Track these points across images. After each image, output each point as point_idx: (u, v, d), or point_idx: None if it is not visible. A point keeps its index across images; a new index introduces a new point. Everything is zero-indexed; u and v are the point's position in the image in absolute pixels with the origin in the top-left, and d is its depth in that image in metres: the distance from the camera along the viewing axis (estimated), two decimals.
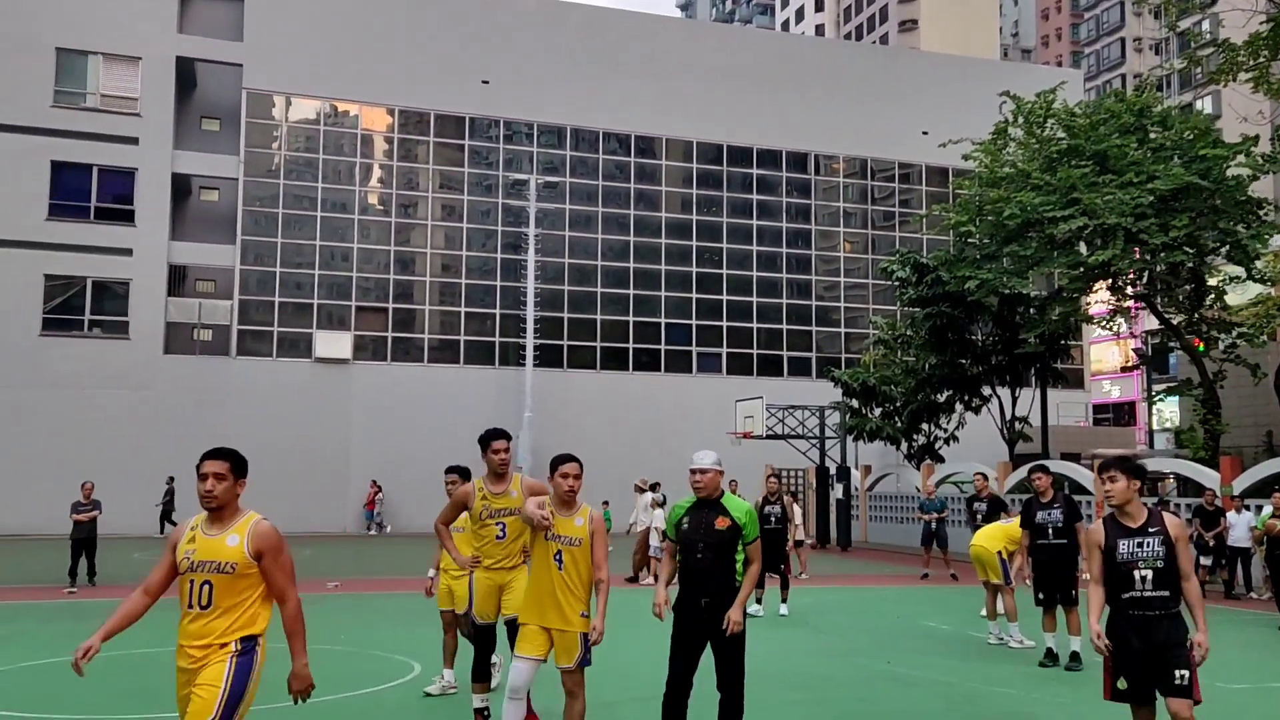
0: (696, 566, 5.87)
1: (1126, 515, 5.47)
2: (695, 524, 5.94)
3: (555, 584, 5.74)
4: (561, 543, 5.79)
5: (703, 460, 6.04)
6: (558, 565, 5.76)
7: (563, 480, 5.88)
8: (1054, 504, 10.29)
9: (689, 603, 5.88)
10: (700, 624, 5.85)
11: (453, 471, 8.22)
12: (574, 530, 5.85)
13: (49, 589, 16.40)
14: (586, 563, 5.83)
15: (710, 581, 5.85)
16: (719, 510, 5.94)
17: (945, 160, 37.19)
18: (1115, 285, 24.28)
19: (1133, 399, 50.49)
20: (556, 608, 5.73)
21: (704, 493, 5.99)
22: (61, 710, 7.89)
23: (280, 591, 4.57)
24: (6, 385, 31.39)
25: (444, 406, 35.15)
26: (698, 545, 5.89)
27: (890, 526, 30.12)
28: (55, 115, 32.88)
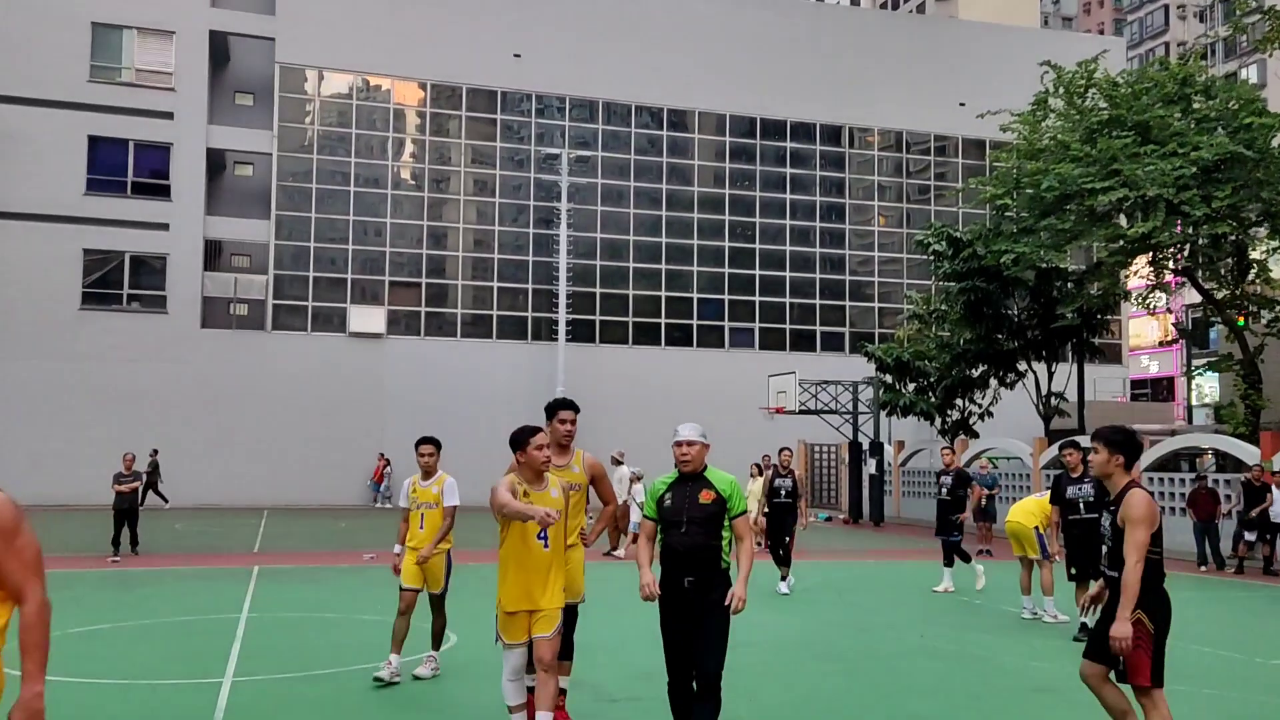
0: (680, 544, 5.43)
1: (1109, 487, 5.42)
2: (679, 500, 5.53)
3: (542, 563, 5.56)
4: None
5: (688, 432, 5.62)
6: (543, 544, 5.55)
7: (537, 452, 5.72)
8: (1084, 479, 10.24)
9: (672, 584, 5.46)
10: (686, 605, 5.43)
11: (427, 443, 7.98)
12: (552, 503, 5.65)
13: (94, 558, 16.73)
14: (565, 535, 5.70)
15: (694, 560, 5.42)
16: (703, 484, 5.54)
17: (982, 132, 36.67)
18: (1156, 258, 23.91)
19: (1171, 374, 49.84)
20: (543, 587, 5.54)
21: (689, 466, 5.58)
22: (109, 675, 8.06)
23: (16, 587, 3.13)
24: (48, 358, 31.92)
25: (476, 381, 35.37)
26: (681, 522, 5.46)
27: (924, 502, 29.99)
28: (92, 90, 33.20)
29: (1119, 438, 5.39)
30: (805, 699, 7.56)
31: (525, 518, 5.45)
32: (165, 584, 13.78)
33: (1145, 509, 5.14)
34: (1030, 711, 7.19)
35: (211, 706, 7.01)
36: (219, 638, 9.60)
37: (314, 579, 14.36)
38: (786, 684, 8.08)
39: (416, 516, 7.87)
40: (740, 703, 7.29)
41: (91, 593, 12.81)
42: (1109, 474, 5.36)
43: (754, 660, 8.95)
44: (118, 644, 9.46)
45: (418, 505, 7.87)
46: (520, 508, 5.49)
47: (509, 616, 5.56)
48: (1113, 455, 5.32)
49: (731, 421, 34.05)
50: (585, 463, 6.53)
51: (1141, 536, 5.10)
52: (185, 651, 9.02)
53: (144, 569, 15.59)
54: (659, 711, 4.97)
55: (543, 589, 5.55)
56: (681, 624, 5.45)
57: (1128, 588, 5.08)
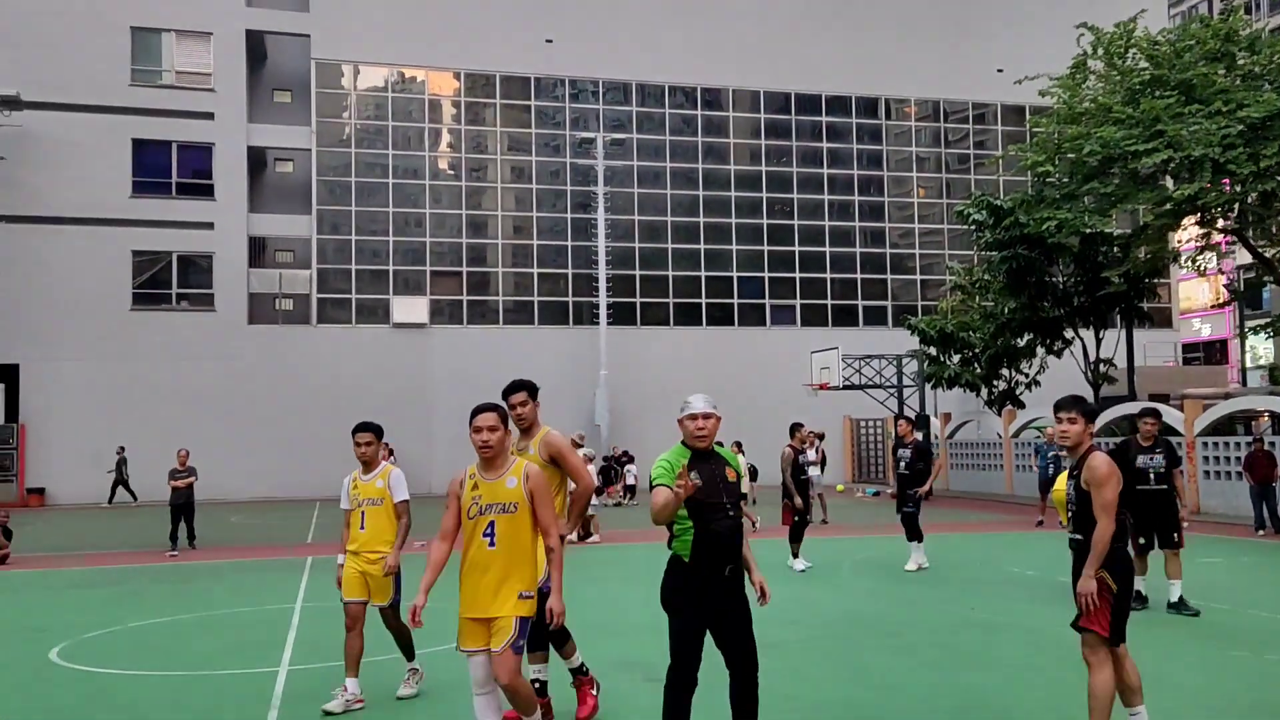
0: (725, 529, 4.88)
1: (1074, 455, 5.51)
2: (710, 477, 4.90)
3: (487, 564, 4.92)
4: (492, 512, 4.93)
5: (703, 404, 5.03)
6: (488, 542, 4.91)
7: (475, 435, 5.00)
8: (1155, 449, 10.09)
9: (711, 573, 4.87)
10: (723, 595, 4.91)
11: (365, 430, 6.99)
12: (505, 494, 4.96)
13: (153, 552, 17.12)
14: (526, 530, 4.94)
15: (736, 545, 4.93)
16: (722, 460, 5.04)
17: (1021, 98, 36.04)
18: (1204, 219, 23.42)
19: (1224, 336, 48.82)
20: (492, 592, 4.89)
21: (706, 442, 4.99)
22: (169, 666, 8.27)
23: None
24: (102, 358, 32.62)
25: (520, 368, 35.26)
26: (723, 502, 4.90)
27: (971, 474, 29.76)
28: (134, 94, 33.74)
29: (1090, 407, 5.55)
30: (857, 674, 7.57)
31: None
32: (222, 576, 14.08)
33: (1109, 470, 5.28)
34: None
35: (269, 695, 7.17)
36: (275, 628, 9.80)
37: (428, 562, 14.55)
38: (837, 659, 8.09)
39: (357, 516, 6.92)
40: (792, 679, 7.33)
41: (151, 586, 13.13)
42: (1081, 443, 5.45)
43: (803, 636, 8.97)
44: (177, 636, 9.70)
45: (359, 503, 6.94)
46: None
47: (464, 622, 4.99)
48: (1088, 425, 5.47)
49: (775, 399, 33.99)
50: (544, 443, 6.09)
51: (1109, 496, 5.23)
52: (242, 642, 9.23)
53: (201, 562, 15.94)
54: (706, 692, 4.99)
55: (491, 594, 4.89)
56: (710, 616, 4.91)
57: (1098, 544, 5.22)
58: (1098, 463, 5.31)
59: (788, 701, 6.74)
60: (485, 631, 4.92)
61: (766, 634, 8.63)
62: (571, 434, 19.70)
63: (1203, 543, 16.28)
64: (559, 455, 6.05)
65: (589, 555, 16.02)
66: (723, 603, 4.91)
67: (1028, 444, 26.61)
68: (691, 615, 4.89)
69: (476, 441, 4.95)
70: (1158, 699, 6.75)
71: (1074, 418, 5.45)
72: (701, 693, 4.96)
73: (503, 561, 4.92)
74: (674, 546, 4.96)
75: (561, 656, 6.38)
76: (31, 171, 32.47)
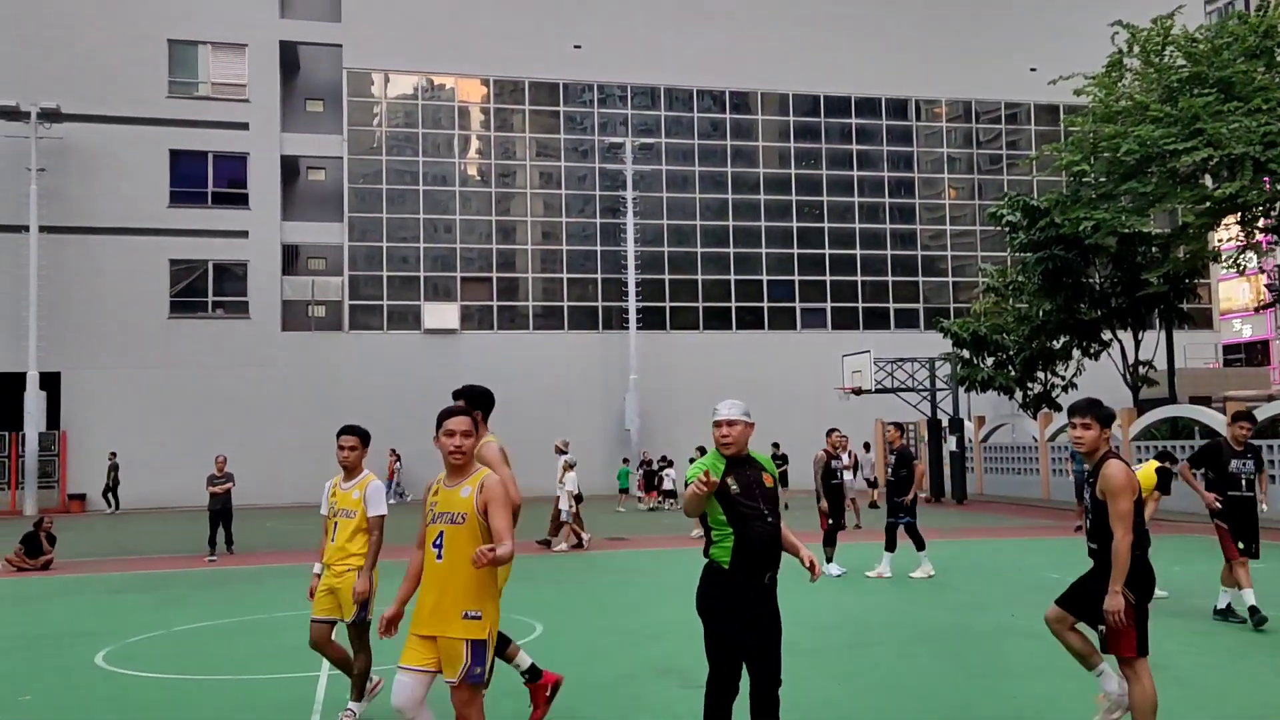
0: (763, 535, 4.83)
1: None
2: (746, 485, 4.87)
3: (436, 579, 4.59)
4: (442, 522, 4.64)
5: (730, 411, 4.96)
6: (436, 554, 4.60)
7: (448, 439, 4.72)
8: (1246, 453, 9.66)
9: (750, 581, 4.81)
10: (761, 604, 4.85)
11: (350, 434, 6.60)
12: (457, 503, 4.64)
13: (192, 558, 17.31)
14: (475, 543, 4.55)
15: (777, 551, 4.89)
16: (758, 466, 4.98)
17: (1055, 97, 35.74)
18: (1245, 218, 23.07)
19: (1266, 337, 48.07)
20: (435, 608, 4.56)
21: (732, 449, 4.91)
22: (211, 671, 8.34)
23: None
24: (141, 367, 33.05)
25: (550, 372, 35.69)
26: (761, 510, 4.85)
27: (1007, 478, 29.48)
28: (170, 105, 34.21)
29: (1106, 411, 5.40)
30: (898, 680, 7.50)
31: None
32: (261, 581, 14.20)
33: (1125, 478, 5.13)
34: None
35: (311, 699, 7.22)
36: None
37: (402, 572, 14.63)
38: (877, 665, 8.03)
39: (330, 525, 6.47)
40: (832, 685, 7.28)
41: (190, 592, 13.27)
42: (1097, 448, 5.32)
43: (842, 642, 8.91)
44: (218, 640, 9.79)
45: (335, 512, 6.46)
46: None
47: (409, 637, 4.65)
48: (1103, 431, 5.32)
49: (806, 403, 33.87)
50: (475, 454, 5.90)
51: (1125, 506, 5.09)
52: (283, 646, 9.29)
53: (240, 567, 16.09)
54: (743, 700, 4.95)
55: (439, 612, 4.55)
56: (751, 630, 4.82)
57: (1118, 558, 5.08)
58: (1113, 470, 5.17)
59: (825, 708, 6.69)
60: (432, 649, 4.55)
61: (802, 640, 8.61)
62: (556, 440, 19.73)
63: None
64: (487, 466, 5.56)
65: (625, 561, 16.02)
66: (759, 610, 4.85)
67: (1064, 448, 26.32)
68: (728, 622, 4.82)
69: (448, 446, 4.67)
70: (1203, 707, 6.65)
71: (1088, 423, 5.32)
72: (744, 699, 4.93)
73: (449, 576, 4.55)
74: (712, 553, 4.92)
75: (505, 660, 6.25)
76: (72, 182, 33.00)
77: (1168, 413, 24.29)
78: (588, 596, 12.01)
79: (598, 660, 8.35)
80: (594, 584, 13.26)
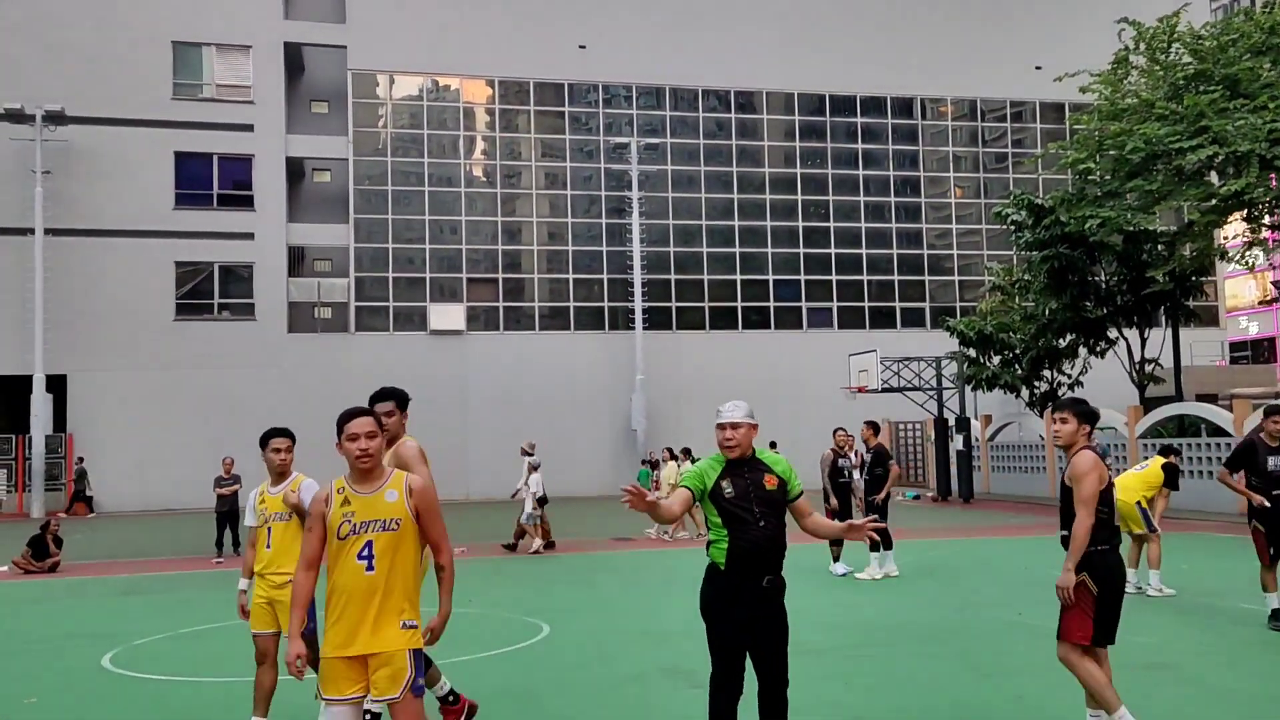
0: (758, 538, 4.78)
1: None
2: (743, 487, 4.82)
3: (364, 592, 4.21)
4: (369, 530, 4.26)
5: (734, 413, 4.90)
6: (366, 566, 4.23)
7: (352, 443, 4.31)
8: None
9: (747, 585, 4.79)
10: (761, 607, 4.81)
11: (280, 436, 6.34)
12: (385, 509, 4.28)
13: (199, 559, 17.34)
14: (409, 552, 4.30)
15: (774, 555, 4.84)
16: (761, 468, 4.91)
17: (1061, 95, 35.66)
18: (1251, 215, 23.00)
19: (1273, 334, 47.91)
20: (373, 624, 4.18)
21: (736, 452, 4.88)
22: (217, 673, 8.35)
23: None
24: (147, 369, 33.13)
25: (556, 373, 35.71)
26: (755, 512, 4.79)
27: (1014, 477, 29.42)
28: (175, 107, 34.28)
29: (1087, 410, 5.63)
30: (905, 679, 7.49)
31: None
32: None
33: (1089, 463, 5.38)
34: (1140, 689, 7.00)
35: (316, 701, 7.20)
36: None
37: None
38: (883, 665, 8.01)
39: (263, 533, 6.06)
40: (836, 685, 7.26)
41: (198, 594, 13.29)
42: (1074, 443, 5.54)
43: (848, 642, 8.89)
44: (225, 642, 9.79)
45: (266, 519, 6.09)
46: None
47: (330, 664, 4.20)
48: (1081, 425, 5.55)
49: (813, 402, 33.85)
50: (393, 454, 5.62)
51: (1089, 490, 5.32)
52: None
53: None
54: (750, 699, 4.94)
55: (370, 627, 4.18)
56: (748, 631, 4.80)
57: (1075, 539, 5.34)
58: (1080, 458, 5.44)
59: (834, 709, 6.68)
60: (360, 672, 4.16)
61: (809, 639, 8.59)
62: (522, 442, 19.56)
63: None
64: (406, 467, 5.37)
65: (633, 561, 16.00)
66: (759, 613, 4.82)
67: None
68: (727, 623, 4.81)
69: (354, 450, 4.29)
70: (1211, 706, 6.62)
71: (1065, 417, 5.56)
72: (748, 699, 4.92)
73: (383, 587, 4.21)
74: (710, 554, 4.91)
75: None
76: (77, 185, 33.07)
77: (1174, 410, 24.22)
78: (595, 597, 12.00)
79: (605, 661, 8.34)
80: (602, 585, 13.25)
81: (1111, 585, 5.43)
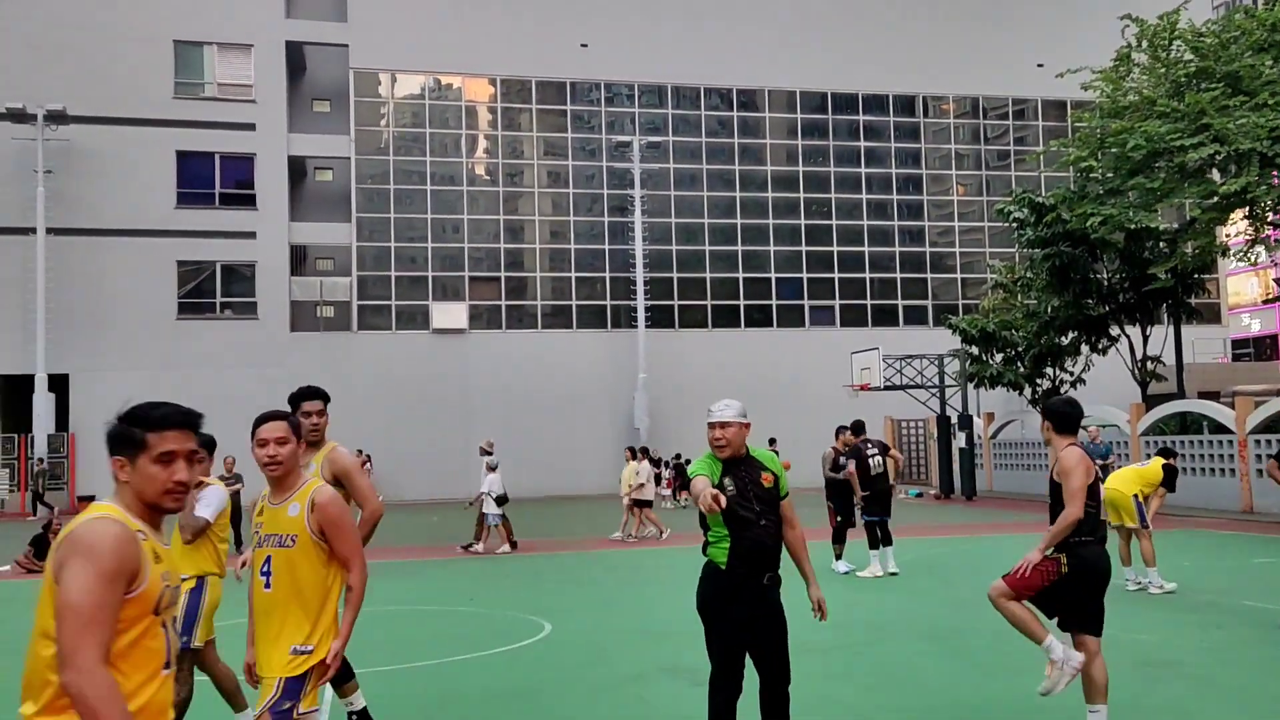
0: (761, 537, 4.75)
1: None
2: (742, 485, 4.78)
3: (260, 609, 4.09)
4: (271, 544, 4.06)
5: (724, 412, 4.85)
6: (265, 583, 4.05)
7: (260, 449, 4.12)
8: None
9: (748, 584, 4.75)
10: (761, 606, 4.79)
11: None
12: (284, 523, 4.04)
13: None
14: (311, 569, 4.01)
15: (775, 552, 4.81)
16: (758, 465, 4.87)
17: (1063, 93, 35.64)
18: (1253, 213, 22.98)
19: (1275, 332, 47.85)
20: (268, 643, 4.03)
21: (726, 452, 4.82)
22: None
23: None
24: (149, 368, 33.15)
25: (559, 372, 35.72)
26: (755, 510, 4.76)
27: (1016, 474, 29.41)
28: (177, 106, 34.29)
29: (1067, 412, 5.86)
30: (906, 677, 7.49)
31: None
32: None
33: (1075, 459, 5.59)
34: (1142, 686, 7.01)
35: (319, 699, 7.21)
36: None
37: (411, 572, 14.69)
38: (885, 663, 8.01)
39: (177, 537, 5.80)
40: (836, 683, 7.27)
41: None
42: (1048, 440, 5.83)
43: (850, 640, 8.89)
44: (223, 640, 9.80)
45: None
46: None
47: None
48: (1044, 421, 5.83)
49: (815, 401, 33.83)
50: (327, 460, 5.35)
51: (1076, 484, 5.50)
52: None
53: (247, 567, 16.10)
54: (753, 697, 4.94)
55: (270, 647, 4.03)
56: (747, 629, 4.78)
57: (1058, 525, 5.52)
58: (1066, 454, 5.63)
59: (834, 706, 6.69)
60: None
61: (809, 637, 8.59)
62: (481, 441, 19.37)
63: (1259, 542, 15.97)
64: (344, 475, 5.28)
65: (634, 560, 16.00)
66: (758, 610, 4.80)
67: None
68: (726, 622, 4.80)
69: (262, 457, 4.09)
70: (1216, 704, 6.62)
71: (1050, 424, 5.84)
72: (749, 697, 4.93)
73: (280, 608, 4.01)
74: (710, 554, 4.88)
75: (339, 696, 5.79)
76: (79, 184, 33.10)
77: (1176, 408, 24.20)
78: (596, 596, 12.01)
79: (606, 660, 8.35)
80: (603, 583, 13.26)
81: (1087, 574, 5.54)
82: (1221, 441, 21.77)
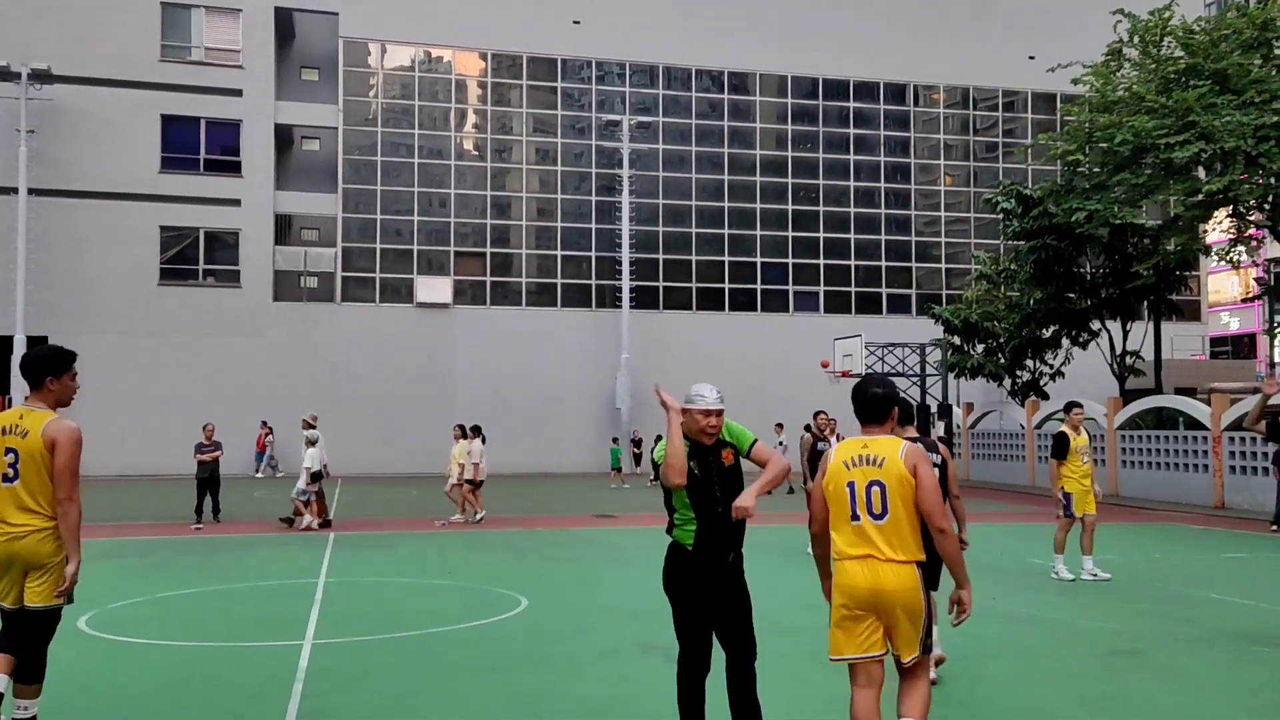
0: (724, 518, 4.80)
1: None
2: (705, 469, 4.82)
3: None
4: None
5: (714, 399, 4.89)
6: None
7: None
8: None
9: (713, 562, 4.84)
10: (724, 580, 4.87)
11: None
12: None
13: (178, 525, 17.32)
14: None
15: (738, 531, 4.89)
16: (720, 444, 4.90)
17: (1053, 86, 35.73)
18: (1236, 212, 23.14)
19: (1253, 330, 48.29)
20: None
21: (714, 438, 4.89)
22: (195, 637, 8.37)
23: None
24: (130, 333, 32.93)
25: (543, 349, 35.69)
26: (715, 493, 4.83)
27: (994, 464, 29.64)
28: (163, 69, 33.92)
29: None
30: None
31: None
32: (247, 550, 14.23)
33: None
34: (1110, 674, 7.11)
35: (294, 668, 7.25)
36: (299, 602, 9.90)
37: (387, 545, 14.71)
38: None
39: None
40: (809, 664, 7.34)
41: (176, 558, 13.29)
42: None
43: (823, 622, 8.95)
44: (203, 607, 9.82)
45: None
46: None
47: None
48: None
49: (797, 386, 33.92)
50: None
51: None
52: (267, 615, 9.33)
53: (226, 535, 16.11)
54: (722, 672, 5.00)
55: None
56: (712, 604, 4.86)
57: None
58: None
59: (805, 686, 6.76)
60: None
61: (786, 619, 8.68)
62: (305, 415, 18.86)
63: (1228, 538, 16.18)
64: (57, 447, 5.18)
65: (612, 538, 16.05)
66: (722, 587, 4.87)
67: (1050, 435, 26.43)
68: (693, 601, 4.88)
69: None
70: (1181, 693, 6.73)
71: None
72: (717, 675, 4.98)
73: None
74: (676, 535, 4.95)
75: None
76: (61, 146, 32.73)
77: (1153, 403, 24.43)
78: (574, 572, 12.07)
79: (583, 636, 8.40)
80: (581, 560, 13.31)
81: None
82: (1196, 438, 22.00)
